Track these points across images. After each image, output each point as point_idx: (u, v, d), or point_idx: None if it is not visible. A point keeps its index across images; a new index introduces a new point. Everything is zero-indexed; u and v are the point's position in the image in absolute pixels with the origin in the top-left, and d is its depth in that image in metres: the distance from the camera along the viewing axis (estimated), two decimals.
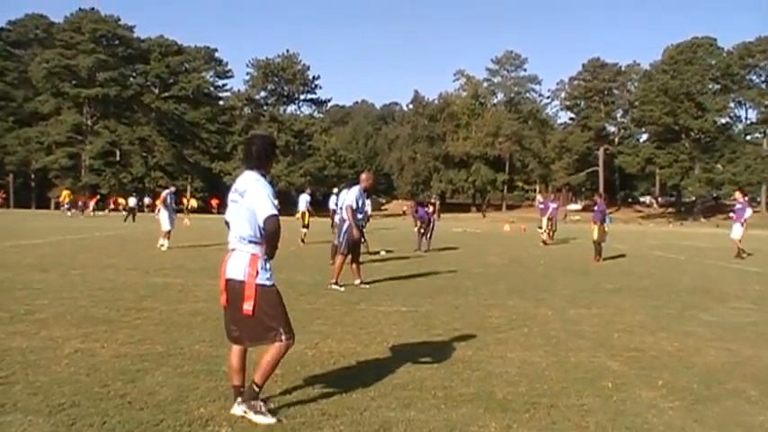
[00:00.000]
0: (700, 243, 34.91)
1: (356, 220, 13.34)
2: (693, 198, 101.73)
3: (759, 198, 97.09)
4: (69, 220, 44.88)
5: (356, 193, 13.47)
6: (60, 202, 58.36)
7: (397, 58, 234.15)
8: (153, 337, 7.91)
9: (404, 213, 24.84)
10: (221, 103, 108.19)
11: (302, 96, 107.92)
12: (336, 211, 18.27)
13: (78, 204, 57.77)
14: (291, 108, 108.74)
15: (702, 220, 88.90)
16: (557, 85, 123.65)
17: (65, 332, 8.02)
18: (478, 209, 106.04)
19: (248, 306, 5.08)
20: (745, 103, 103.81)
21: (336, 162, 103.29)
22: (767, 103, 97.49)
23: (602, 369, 7.11)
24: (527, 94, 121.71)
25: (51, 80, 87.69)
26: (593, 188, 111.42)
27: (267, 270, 5.12)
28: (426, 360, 7.15)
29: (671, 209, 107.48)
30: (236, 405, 5.20)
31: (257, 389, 5.15)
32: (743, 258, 22.30)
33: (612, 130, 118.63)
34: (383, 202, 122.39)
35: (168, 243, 20.99)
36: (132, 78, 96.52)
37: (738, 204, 23.48)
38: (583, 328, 9.48)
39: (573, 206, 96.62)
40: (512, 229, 46.54)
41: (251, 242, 5.13)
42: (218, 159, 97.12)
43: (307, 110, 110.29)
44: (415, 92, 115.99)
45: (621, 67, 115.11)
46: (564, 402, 5.90)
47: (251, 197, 5.09)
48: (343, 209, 14.21)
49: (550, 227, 31.06)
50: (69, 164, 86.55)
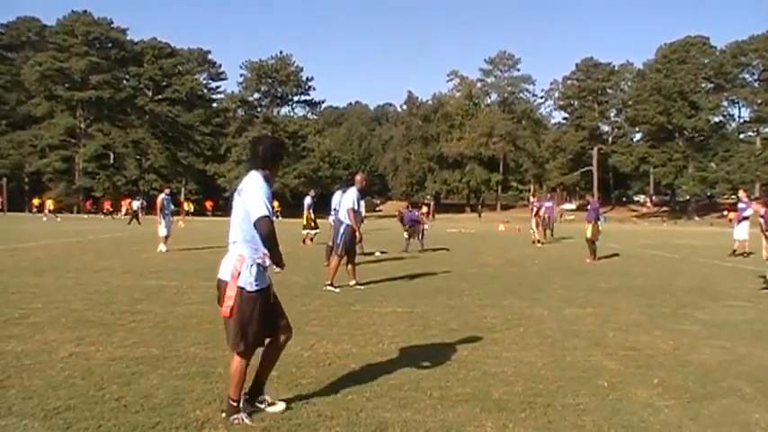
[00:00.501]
0: (694, 242, 34.94)
1: (357, 222, 13.35)
2: (687, 197, 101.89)
3: (753, 196, 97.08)
4: (54, 224, 44.66)
5: (355, 194, 13.49)
6: (46, 209, 58.38)
7: (390, 59, 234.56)
8: (148, 339, 7.90)
9: (399, 213, 25.01)
10: (215, 105, 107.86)
11: (296, 98, 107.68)
12: (310, 211, 18.24)
13: (105, 209, 57.05)
14: (285, 110, 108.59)
15: (696, 218, 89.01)
16: (550, 84, 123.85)
17: (59, 336, 8.01)
18: (473, 209, 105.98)
19: (226, 306, 5.07)
20: (738, 102, 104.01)
21: (331, 163, 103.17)
22: (760, 101, 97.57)
23: (597, 368, 7.12)
24: (521, 94, 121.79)
25: (44, 83, 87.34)
26: (587, 188, 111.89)
27: (252, 274, 5.06)
28: (422, 361, 7.14)
29: (665, 208, 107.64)
30: (222, 413, 5.22)
31: (234, 403, 5.14)
32: (745, 257, 22.13)
33: (606, 129, 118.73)
34: (378, 203, 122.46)
35: (165, 247, 20.96)
36: (125, 81, 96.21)
37: (742, 203, 23.30)
38: (578, 327, 9.49)
39: (567, 206, 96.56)
40: (506, 229, 46.58)
41: (241, 243, 5.13)
42: (212, 161, 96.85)
43: (301, 111, 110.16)
44: (409, 92, 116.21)
45: (615, 66, 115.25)
46: (560, 401, 5.91)
47: (246, 198, 5.08)
48: (338, 210, 14.26)
49: (546, 226, 31.58)
50: (63, 167, 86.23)
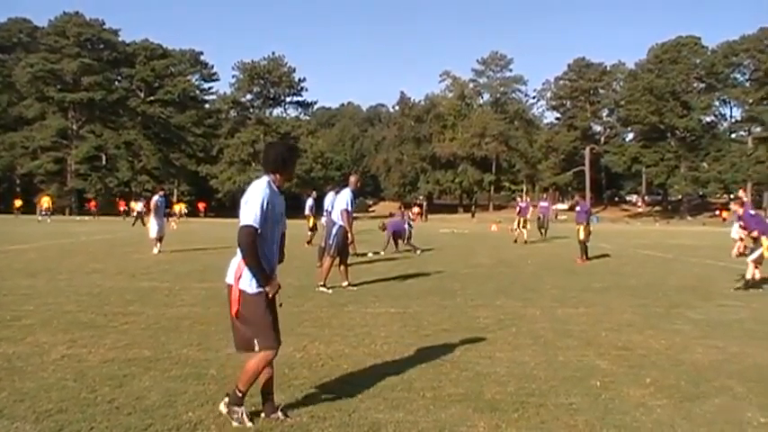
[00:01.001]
0: (686, 241, 35.06)
1: (351, 224, 13.36)
2: (680, 196, 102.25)
3: (738, 194, 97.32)
4: (49, 225, 44.54)
5: (349, 195, 13.50)
6: (41, 208, 57.66)
7: (383, 60, 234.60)
8: (140, 341, 7.89)
9: (382, 225, 24.89)
10: (207, 106, 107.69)
11: (288, 99, 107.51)
12: (312, 212, 18.23)
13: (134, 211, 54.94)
14: (278, 110, 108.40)
15: (689, 218, 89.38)
16: (542, 85, 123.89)
17: (51, 338, 7.99)
18: (466, 209, 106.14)
19: (233, 310, 5.09)
20: (729, 102, 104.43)
21: (323, 164, 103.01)
22: (751, 101, 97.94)
23: (590, 368, 7.13)
24: (513, 95, 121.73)
25: (36, 84, 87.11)
26: (579, 187, 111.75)
27: (253, 277, 5.04)
28: (415, 361, 7.15)
29: (657, 207, 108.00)
30: (221, 403, 5.22)
31: (240, 394, 5.12)
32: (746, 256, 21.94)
33: (598, 129, 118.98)
34: (370, 203, 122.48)
35: (159, 248, 20.91)
36: (117, 82, 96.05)
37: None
38: (571, 327, 9.50)
39: (560, 206, 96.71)
40: (499, 229, 46.56)
41: None
42: (204, 163, 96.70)
43: (293, 112, 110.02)
44: (402, 93, 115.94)
45: (607, 66, 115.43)
46: (553, 401, 5.92)
47: (244, 203, 5.08)
48: (330, 211, 14.30)
49: (541, 225, 32.24)
50: (55, 168, 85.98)
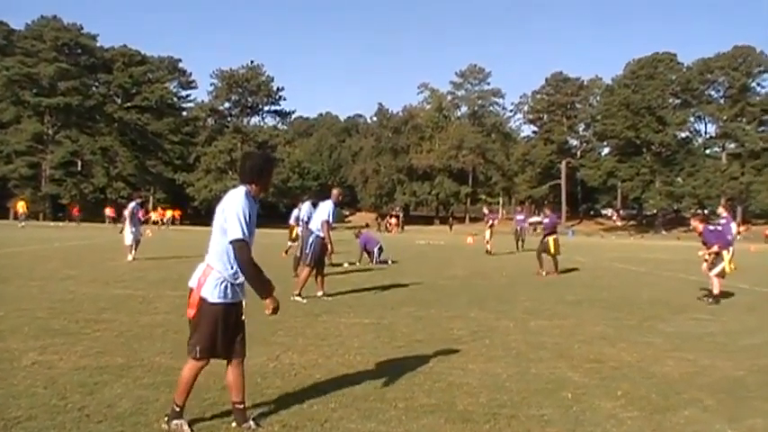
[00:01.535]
0: (660, 255, 35.31)
1: (330, 236, 13.41)
2: (654, 211, 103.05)
3: (718, 211, 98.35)
4: (26, 230, 44.17)
5: (330, 207, 13.58)
6: (17, 213, 57.06)
7: (361, 71, 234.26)
8: (113, 349, 7.84)
9: (358, 232, 24.80)
10: (185, 113, 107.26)
11: (266, 108, 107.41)
12: (299, 223, 18.22)
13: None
14: (255, 119, 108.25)
15: (663, 232, 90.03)
16: (520, 98, 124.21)
17: (22, 344, 7.92)
18: (442, 221, 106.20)
19: (190, 313, 5.10)
20: (704, 118, 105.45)
21: (300, 174, 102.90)
22: (725, 117, 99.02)
23: (562, 380, 7.18)
24: (490, 108, 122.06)
25: (11, 88, 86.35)
26: (555, 201, 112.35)
27: (216, 286, 5.05)
28: (388, 372, 7.16)
29: (632, 221, 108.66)
30: (163, 424, 5.18)
31: (177, 408, 5.14)
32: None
33: (575, 143, 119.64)
34: (347, 214, 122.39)
35: (134, 255, 20.78)
36: (95, 88, 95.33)
37: (722, 220, 22.50)
38: (544, 339, 9.55)
39: (535, 218, 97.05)
40: (475, 241, 46.65)
41: (213, 254, 5.13)
42: (180, 170, 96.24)
43: (271, 121, 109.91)
44: (380, 104, 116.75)
45: (584, 81, 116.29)
46: (524, 413, 5.95)
47: (226, 214, 5.07)
48: (307, 221, 14.39)
49: (518, 237, 32.81)
50: (29, 173, 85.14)
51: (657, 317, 12.19)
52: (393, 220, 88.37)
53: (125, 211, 22.42)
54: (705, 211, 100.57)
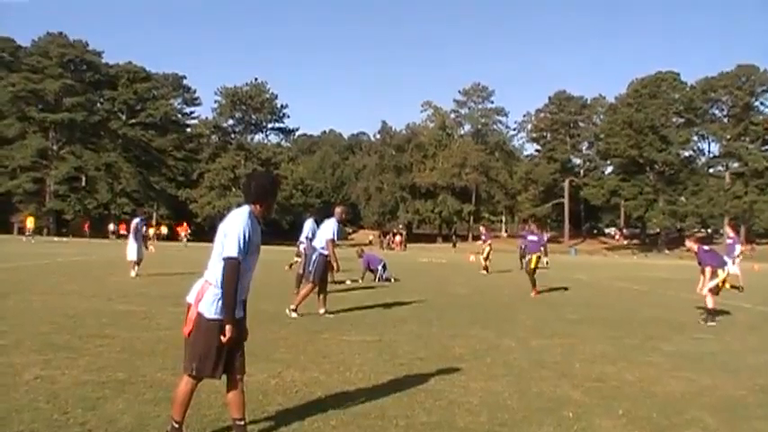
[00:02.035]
0: (663, 274, 35.27)
1: (335, 253, 13.45)
2: (658, 230, 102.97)
3: (721, 230, 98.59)
4: (33, 246, 44.25)
5: (334, 225, 13.65)
6: (25, 228, 57.11)
7: (365, 89, 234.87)
8: (114, 364, 7.85)
9: (360, 251, 24.75)
10: (189, 130, 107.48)
11: (270, 125, 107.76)
12: (302, 240, 18.26)
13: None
14: (259, 136, 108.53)
15: (666, 251, 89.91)
16: (523, 117, 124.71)
17: (25, 359, 7.93)
18: (445, 239, 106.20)
19: (186, 328, 5.11)
20: (707, 137, 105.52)
21: (303, 191, 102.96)
22: (729, 136, 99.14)
23: (563, 398, 7.18)
24: (494, 126, 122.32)
25: (17, 104, 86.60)
26: (558, 219, 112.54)
27: (215, 303, 5.06)
28: (389, 389, 7.17)
29: (635, 240, 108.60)
30: None
31: (176, 425, 5.15)
32: (740, 291, 21.60)
33: (578, 162, 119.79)
34: (350, 231, 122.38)
35: (137, 271, 20.78)
36: (99, 104, 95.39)
37: (729, 239, 22.61)
38: (545, 357, 9.55)
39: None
40: (477, 259, 46.63)
41: (213, 271, 5.14)
42: (184, 187, 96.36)
43: (274, 138, 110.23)
44: (383, 122, 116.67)
45: (587, 100, 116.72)
46: (525, 431, 5.95)
47: (227, 231, 5.10)
48: (310, 238, 14.49)
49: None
50: (33, 188, 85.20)
51: (659, 336, 12.19)
52: (397, 238, 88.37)
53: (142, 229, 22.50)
54: (709, 230, 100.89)
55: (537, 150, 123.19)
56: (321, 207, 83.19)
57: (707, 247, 15.58)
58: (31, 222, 57.50)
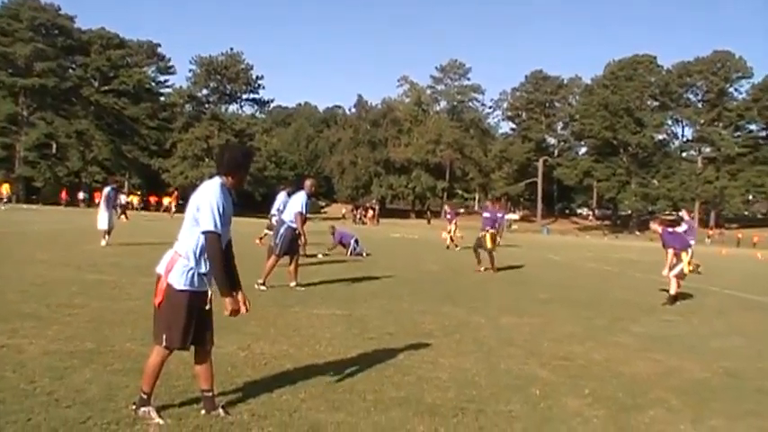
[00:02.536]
0: (633, 256, 35.55)
1: (303, 227, 13.42)
2: (629, 212, 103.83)
3: (693, 214, 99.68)
4: (4, 213, 43.77)
5: (303, 198, 13.56)
6: (2, 195, 56.65)
7: (341, 62, 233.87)
8: (83, 334, 7.80)
9: (332, 228, 24.64)
10: (162, 99, 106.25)
11: (245, 96, 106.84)
12: (274, 213, 18.20)
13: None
14: (233, 107, 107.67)
15: (637, 233, 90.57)
16: (499, 95, 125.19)
17: None
18: (418, 215, 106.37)
19: (156, 299, 5.10)
20: (681, 121, 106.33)
21: (277, 163, 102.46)
22: (702, 121, 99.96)
23: (531, 377, 7.24)
24: (470, 103, 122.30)
25: None
26: (531, 199, 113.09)
27: (184, 274, 5.05)
28: (358, 364, 7.20)
29: (607, 221, 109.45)
30: (132, 411, 5.18)
31: (144, 395, 5.13)
32: (700, 273, 22.10)
33: (552, 142, 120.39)
34: (323, 205, 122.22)
35: (107, 240, 20.60)
36: (71, 70, 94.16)
37: (684, 224, 22.93)
38: (514, 336, 9.62)
39: (511, 216, 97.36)
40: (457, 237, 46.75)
41: (183, 242, 5.13)
42: (157, 156, 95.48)
43: (249, 110, 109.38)
44: (359, 96, 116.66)
45: (564, 80, 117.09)
46: (492, 408, 6.00)
47: (199, 204, 5.08)
48: (279, 212, 14.44)
49: (497, 234, 33.03)
50: (2, 155, 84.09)
51: (628, 317, 12.31)
52: (369, 213, 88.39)
53: (121, 197, 22.34)
54: (679, 213, 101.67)
55: (512, 129, 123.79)
56: (295, 180, 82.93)
57: (671, 229, 15.70)
58: (6, 189, 56.98)
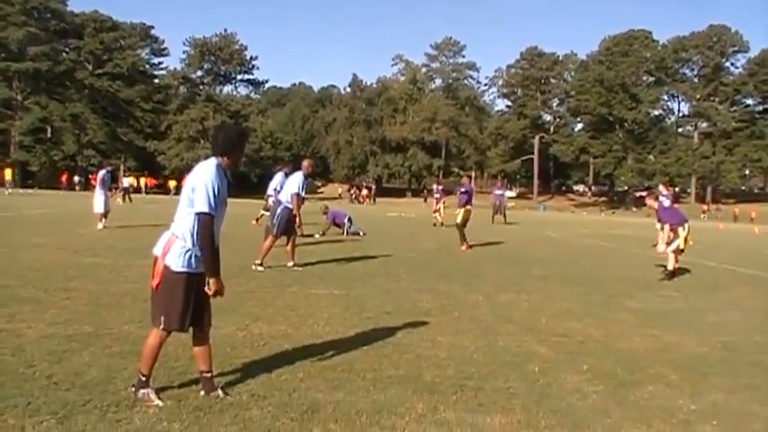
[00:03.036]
0: (629, 232, 35.60)
1: (300, 207, 13.41)
2: (626, 187, 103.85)
3: (689, 189, 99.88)
4: (7, 198, 43.70)
5: (301, 179, 13.54)
6: (4, 180, 56.93)
7: (335, 41, 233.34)
8: (81, 317, 7.81)
9: (325, 208, 24.62)
10: (157, 81, 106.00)
11: (239, 77, 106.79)
12: (271, 194, 18.17)
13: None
14: (228, 88, 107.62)
15: (634, 209, 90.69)
16: (494, 72, 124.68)
17: None
18: (414, 194, 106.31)
19: (154, 281, 5.10)
20: (677, 97, 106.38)
21: (273, 144, 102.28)
22: (698, 96, 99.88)
23: (529, 353, 7.26)
24: (465, 81, 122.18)
25: None
26: (528, 176, 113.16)
27: (181, 255, 5.05)
28: (356, 343, 7.21)
29: (603, 198, 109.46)
30: (131, 393, 5.19)
31: (143, 378, 5.13)
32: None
33: (548, 118, 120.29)
34: (319, 185, 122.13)
35: (104, 223, 20.59)
36: (65, 53, 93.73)
37: (662, 197, 23.12)
38: (512, 313, 9.64)
39: (508, 193, 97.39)
40: (446, 215, 46.77)
41: (180, 223, 5.11)
42: (152, 138, 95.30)
43: (243, 91, 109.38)
44: (354, 75, 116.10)
45: (559, 56, 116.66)
46: (491, 385, 6.02)
47: (195, 185, 5.06)
48: (276, 192, 14.44)
49: (497, 211, 36.45)
50: None
51: (625, 293, 12.33)
52: (364, 192, 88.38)
53: (124, 181, 22.34)
54: (676, 189, 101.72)
55: (507, 106, 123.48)
56: (291, 160, 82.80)
57: (667, 204, 15.69)
58: (9, 174, 57.37)
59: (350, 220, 23.31)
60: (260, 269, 12.56)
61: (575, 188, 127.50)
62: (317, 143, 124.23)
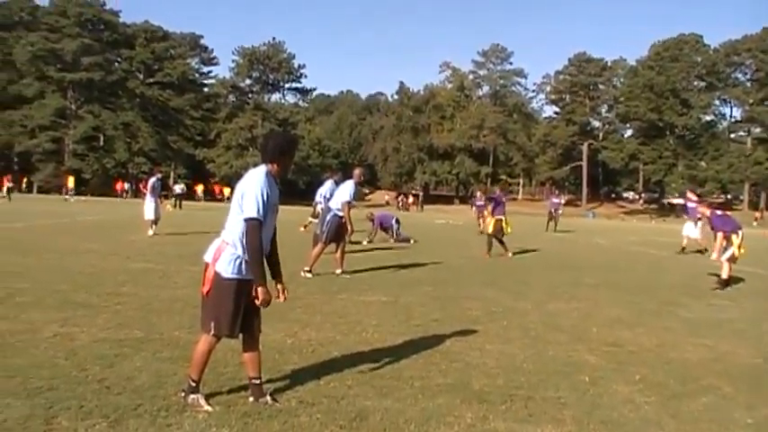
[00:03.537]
0: (681, 239, 35.03)
1: (350, 216, 13.45)
2: (677, 194, 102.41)
3: (742, 196, 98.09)
4: (68, 205, 44.53)
5: (351, 188, 13.62)
6: (67, 188, 58.96)
7: (383, 49, 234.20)
8: (132, 322, 7.90)
9: (370, 215, 24.77)
10: (206, 90, 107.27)
11: (287, 85, 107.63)
12: (319, 201, 18.27)
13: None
14: (276, 96, 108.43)
15: (685, 216, 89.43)
16: (542, 78, 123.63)
17: (44, 316, 7.99)
18: (462, 201, 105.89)
19: (205, 288, 5.13)
20: (729, 101, 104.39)
21: (320, 152, 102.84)
22: (752, 101, 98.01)
23: (579, 363, 7.17)
24: (512, 88, 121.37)
25: (36, 63, 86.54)
26: (576, 182, 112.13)
27: (231, 262, 5.07)
28: (404, 350, 7.18)
29: (654, 205, 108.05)
30: (181, 398, 5.22)
31: (193, 383, 5.17)
32: (703, 253, 22.22)
33: (597, 124, 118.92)
34: (367, 192, 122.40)
35: (154, 230, 20.85)
36: (117, 63, 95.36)
37: (691, 204, 23.15)
38: (561, 321, 9.54)
39: (556, 200, 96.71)
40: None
41: (230, 230, 5.14)
42: (201, 146, 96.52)
43: (291, 98, 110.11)
44: (401, 83, 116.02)
45: (607, 62, 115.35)
46: (541, 395, 5.95)
47: (244, 192, 5.08)
48: (326, 199, 14.49)
49: (551, 219, 36.85)
50: (52, 148, 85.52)
51: (676, 302, 12.13)
52: (410, 199, 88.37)
53: (177, 187, 22.72)
54: (728, 196, 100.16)
55: (556, 113, 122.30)
56: (339, 168, 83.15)
57: (720, 212, 15.40)
58: (71, 182, 59.09)
59: (397, 221, 23.33)
60: (308, 276, 12.61)
61: (624, 195, 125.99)
62: (364, 150, 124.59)
